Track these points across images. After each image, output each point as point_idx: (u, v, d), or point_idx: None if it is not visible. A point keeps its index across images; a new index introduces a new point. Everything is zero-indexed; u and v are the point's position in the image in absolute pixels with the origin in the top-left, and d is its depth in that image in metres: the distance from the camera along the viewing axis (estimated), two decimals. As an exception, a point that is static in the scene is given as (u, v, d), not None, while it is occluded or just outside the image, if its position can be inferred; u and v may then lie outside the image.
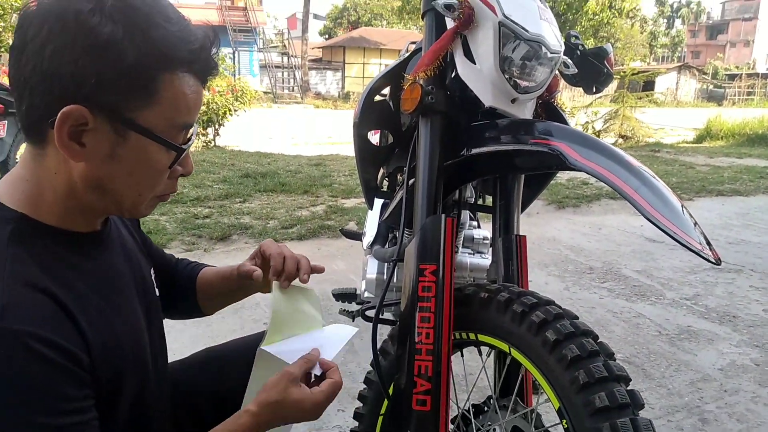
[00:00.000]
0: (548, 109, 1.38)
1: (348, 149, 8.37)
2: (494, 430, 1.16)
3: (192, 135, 0.83)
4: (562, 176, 6.34)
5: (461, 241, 1.83)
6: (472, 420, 1.18)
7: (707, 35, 62.20)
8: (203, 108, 8.05)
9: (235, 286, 1.15)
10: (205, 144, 8.54)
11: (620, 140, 10.33)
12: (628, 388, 0.92)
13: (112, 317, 0.81)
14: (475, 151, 1.17)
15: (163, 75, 0.74)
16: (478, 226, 1.91)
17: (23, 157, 0.79)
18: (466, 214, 1.72)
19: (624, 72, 10.52)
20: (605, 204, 5.24)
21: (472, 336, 1.14)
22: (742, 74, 33.66)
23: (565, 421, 0.94)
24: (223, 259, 3.57)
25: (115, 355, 0.80)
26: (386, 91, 1.55)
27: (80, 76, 0.70)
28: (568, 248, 3.92)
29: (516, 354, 1.04)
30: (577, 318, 1.01)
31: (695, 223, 0.93)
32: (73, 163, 0.74)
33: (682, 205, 0.96)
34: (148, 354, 0.90)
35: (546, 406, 1.20)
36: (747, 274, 3.45)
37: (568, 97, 11.46)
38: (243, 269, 1.09)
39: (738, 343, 2.53)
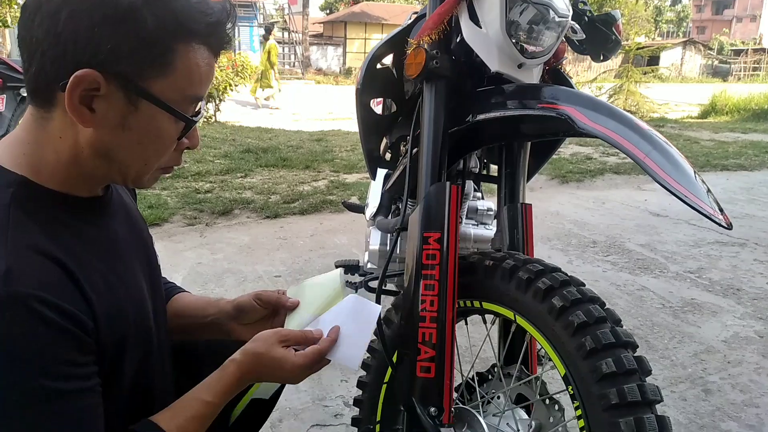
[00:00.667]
0: (555, 76, 1.35)
1: (350, 125, 8.31)
2: (498, 397, 1.15)
3: (201, 108, 0.82)
4: (566, 151, 6.30)
5: (465, 213, 1.81)
6: (477, 388, 1.18)
7: (713, 10, 61.35)
8: (204, 83, 7.95)
9: (215, 321, 1.09)
10: (205, 119, 8.48)
11: (624, 115, 10.24)
12: (636, 354, 0.91)
13: (115, 284, 0.80)
14: (480, 117, 1.15)
15: (179, 46, 0.73)
16: (482, 198, 1.89)
17: (24, 120, 0.77)
18: (470, 185, 1.70)
19: (629, 47, 10.39)
20: (609, 179, 5.21)
21: (476, 304, 1.13)
22: (748, 49, 33.26)
23: (570, 387, 0.93)
24: (226, 233, 3.57)
25: (119, 322, 0.79)
26: (389, 60, 1.52)
27: (96, 43, 0.68)
28: (571, 222, 3.91)
29: (521, 321, 1.03)
30: (583, 285, 1.00)
31: (708, 190, 0.92)
32: (80, 129, 0.73)
33: (695, 171, 0.94)
34: (152, 321, 0.89)
35: (551, 373, 1.20)
36: (751, 247, 3.43)
37: (573, 72, 11.34)
38: (248, 308, 1.07)
39: (742, 315, 2.53)
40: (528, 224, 1.24)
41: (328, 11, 45.25)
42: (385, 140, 1.65)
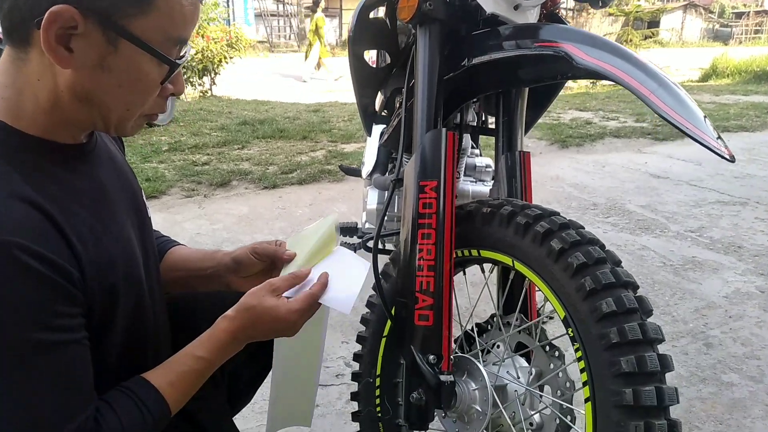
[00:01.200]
0: (552, 21, 1.32)
1: (347, 95, 8.22)
2: (498, 346, 1.14)
3: (186, 53, 0.79)
4: (565, 116, 6.25)
5: (463, 169, 1.79)
6: (476, 338, 1.17)
7: (714, -27, 60.38)
8: (198, 56, 7.85)
9: (214, 272, 1.08)
10: (201, 93, 8.39)
11: (624, 81, 10.12)
12: (637, 294, 0.90)
13: (101, 232, 0.78)
14: (476, 60, 1.12)
15: None
16: (480, 155, 1.86)
17: (2, 63, 0.74)
18: (467, 140, 1.68)
19: (628, 10, 10.25)
20: (609, 142, 5.17)
21: (474, 253, 1.11)
22: (749, 11, 32.78)
23: (570, 329, 0.92)
24: (224, 204, 3.55)
25: (107, 272, 0.77)
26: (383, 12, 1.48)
27: None
28: (571, 186, 3.88)
29: (520, 267, 1.01)
30: (582, 228, 0.98)
31: (714, 128, 0.89)
32: (58, 70, 0.70)
33: (698, 107, 0.91)
34: (142, 272, 0.87)
35: (551, 322, 1.18)
36: (752, 206, 3.41)
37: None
38: (246, 263, 1.06)
39: (743, 272, 2.52)
40: (526, 172, 1.22)
41: (322, -17, 44.60)
42: (380, 96, 1.61)
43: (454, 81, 1.18)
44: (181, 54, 0.78)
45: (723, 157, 0.84)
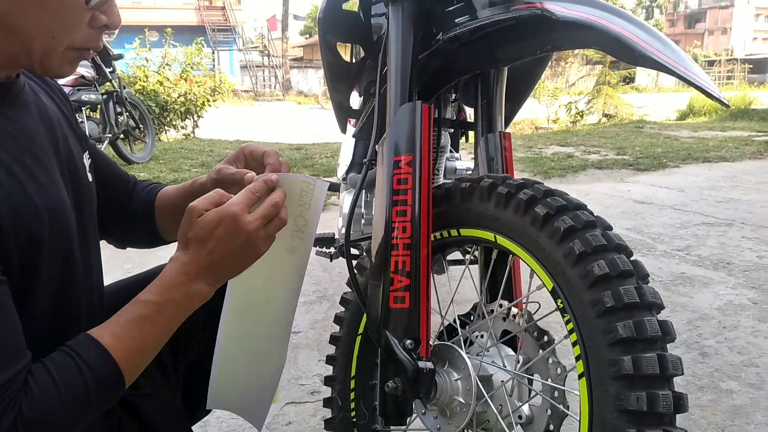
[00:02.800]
0: None
1: (331, 137, 8.22)
2: (482, 336, 1.05)
3: None
4: (547, 151, 6.28)
5: (443, 173, 1.73)
6: (458, 329, 1.08)
7: (686, 24, 62.74)
8: (181, 99, 7.86)
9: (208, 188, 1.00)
10: (184, 136, 8.37)
11: (604, 119, 10.30)
12: (632, 259, 0.82)
13: (22, 177, 0.69)
14: (450, 33, 1.07)
15: None
16: (460, 159, 1.81)
17: None
18: (446, 138, 1.62)
19: (604, 59, 10.55)
20: (591, 173, 5.17)
21: (454, 233, 1.03)
22: (721, 60, 33.94)
23: (560, 301, 0.84)
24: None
25: (28, 219, 0.68)
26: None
27: None
28: (555, 212, 3.83)
29: (502, 241, 0.94)
30: (567, 195, 0.91)
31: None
32: None
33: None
34: (74, 234, 0.78)
35: (544, 306, 1.09)
36: (738, 227, 3.38)
37: (551, 85, 11.40)
38: (224, 174, 0.93)
39: (734, 285, 2.45)
40: (507, 152, 1.16)
41: (307, 35, 45.66)
42: (356, 93, 1.56)
43: (430, 62, 1.13)
44: None
45: (720, 101, 0.78)
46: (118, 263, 2.61)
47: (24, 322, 0.68)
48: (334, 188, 2.16)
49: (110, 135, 5.21)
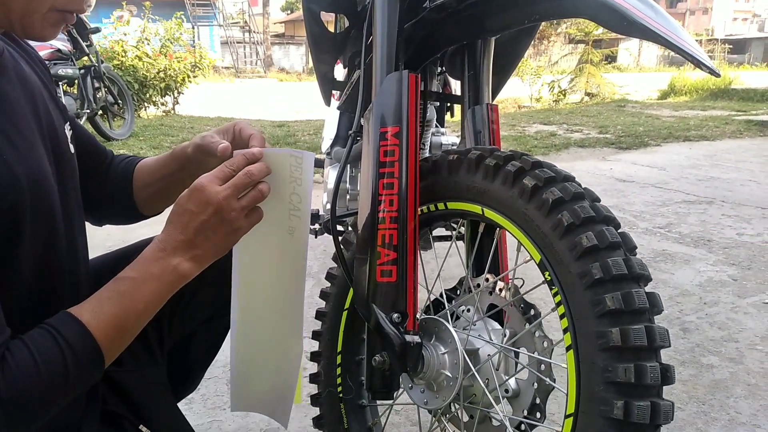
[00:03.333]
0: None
1: (314, 114, 8.14)
2: (468, 310, 1.04)
3: None
4: (530, 129, 6.28)
5: (428, 148, 1.71)
6: (445, 303, 1.07)
7: (667, 3, 62.81)
8: (160, 75, 7.71)
9: (183, 168, 0.97)
10: (164, 113, 8.22)
11: (586, 98, 10.32)
12: (620, 231, 0.82)
13: (2, 145, 0.66)
14: (437, 1, 1.05)
15: None
16: (445, 134, 1.79)
17: None
18: (432, 111, 1.60)
19: (587, 38, 10.56)
20: (574, 152, 5.19)
21: (440, 206, 1.02)
22: (701, 40, 34.07)
23: (547, 273, 0.83)
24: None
25: (8, 187, 0.66)
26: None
27: None
28: (539, 190, 3.84)
29: (489, 214, 0.93)
30: (555, 166, 0.90)
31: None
32: None
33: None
34: (57, 206, 0.76)
35: (529, 280, 1.09)
36: (718, 204, 3.41)
37: (534, 64, 11.35)
38: (208, 142, 0.90)
39: (714, 262, 2.49)
40: (495, 124, 1.14)
41: (289, 11, 44.93)
42: (340, 67, 1.53)
43: (416, 31, 1.11)
44: None
45: (712, 70, 0.76)
46: (99, 241, 2.56)
47: (6, 295, 0.66)
48: (318, 163, 2.13)
49: (88, 111, 5.10)
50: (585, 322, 0.77)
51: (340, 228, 1.61)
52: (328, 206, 1.68)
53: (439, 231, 1.33)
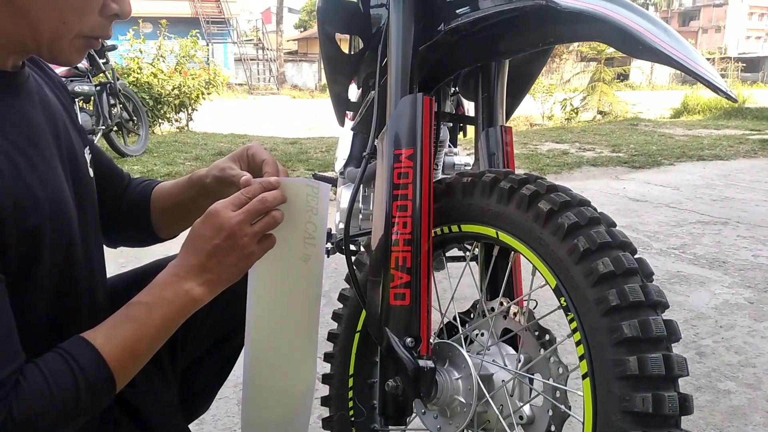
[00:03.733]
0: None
1: (327, 131, 8.17)
2: (482, 335, 1.03)
3: None
4: (542, 147, 6.27)
5: (441, 168, 1.71)
6: (458, 327, 1.06)
7: (680, 22, 62.88)
8: (175, 91, 7.80)
9: (201, 195, 0.98)
10: (178, 129, 8.31)
11: (599, 116, 10.30)
12: (636, 257, 0.81)
13: (23, 166, 0.67)
14: (452, 24, 1.05)
15: None
16: (458, 155, 1.79)
17: None
18: (445, 132, 1.60)
19: (599, 57, 10.57)
20: (586, 170, 5.17)
21: (454, 229, 1.02)
22: (714, 58, 34.02)
23: (563, 298, 0.82)
24: (195, 228, 3.42)
25: (29, 211, 0.66)
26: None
27: None
28: (551, 209, 3.82)
29: (504, 238, 0.92)
30: (570, 190, 0.89)
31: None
32: None
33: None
34: (75, 228, 0.76)
35: (543, 304, 1.08)
36: (733, 225, 3.38)
37: (546, 82, 11.35)
38: (227, 174, 0.91)
39: (730, 284, 2.45)
40: (509, 147, 1.14)
41: (302, 29, 45.44)
42: (354, 87, 1.54)
43: (431, 54, 1.11)
44: None
45: (728, 95, 0.76)
46: (112, 258, 2.58)
47: (23, 317, 0.66)
48: (330, 182, 2.14)
49: (103, 127, 5.16)
50: (601, 349, 0.76)
51: (352, 248, 1.61)
52: (341, 225, 1.69)
53: (453, 251, 1.32)
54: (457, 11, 1.05)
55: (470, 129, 1.87)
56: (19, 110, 0.71)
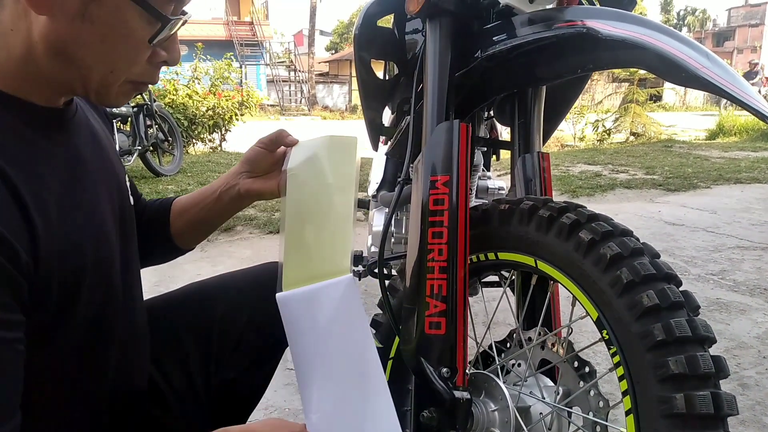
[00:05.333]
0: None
1: (361, 152, 8.18)
2: (519, 365, 1.01)
3: (185, 17, 0.70)
4: (574, 169, 6.20)
5: (475, 192, 1.70)
6: (495, 356, 1.04)
7: (714, 42, 61.95)
8: (209, 112, 7.95)
9: (221, 191, 1.04)
10: (212, 149, 8.46)
11: (631, 137, 10.16)
12: (681, 289, 0.78)
13: (70, 208, 0.68)
14: (490, 51, 1.04)
15: None
16: (491, 178, 1.78)
17: None
18: (479, 156, 1.59)
19: (632, 77, 10.47)
20: (620, 193, 5.09)
21: (491, 256, 1.00)
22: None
23: (605, 331, 0.80)
24: (227, 248, 3.46)
25: (73, 253, 0.67)
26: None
27: None
28: (584, 232, 3.76)
29: (543, 267, 0.90)
30: (612, 219, 0.87)
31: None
32: (33, 19, 0.62)
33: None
34: (116, 260, 0.77)
35: (578, 330, 1.06)
36: (774, 251, 3.28)
37: (577, 102, 11.25)
38: (253, 192, 1.05)
39: (773, 313, 2.37)
40: (546, 173, 1.12)
41: (333, 51, 46.10)
42: (388, 111, 1.54)
43: (467, 80, 1.11)
44: (177, 12, 0.70)
45: (778, 124, 0.73)
46: (145, 277, 2.61)
47: (56, 350, 0.66)
48: (363, 205, 2.14)
49: (140, 147, 5.28)
50: (646, 385, 0.73)
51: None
52: (373, 248, 1.68)
53: (488, 277, 1.30)
54: (494, 38, 1.05)
55: (504, 152, 1.86)
56: (69, 146, 0.73)
